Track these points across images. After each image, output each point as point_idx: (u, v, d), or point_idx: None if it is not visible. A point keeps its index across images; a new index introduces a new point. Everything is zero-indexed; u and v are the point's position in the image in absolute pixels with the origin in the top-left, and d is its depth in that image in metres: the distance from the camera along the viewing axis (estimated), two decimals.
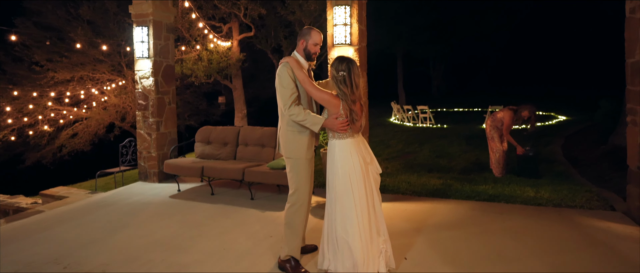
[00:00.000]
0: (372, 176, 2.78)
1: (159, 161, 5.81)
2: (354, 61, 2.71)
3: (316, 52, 2.90)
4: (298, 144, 2.84)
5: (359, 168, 2.68)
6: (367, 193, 2.70)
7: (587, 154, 7.72)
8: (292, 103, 2.75)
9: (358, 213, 2.64)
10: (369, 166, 2.77)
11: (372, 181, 2.76)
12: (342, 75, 2.63)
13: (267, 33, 11.69)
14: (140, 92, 5.84)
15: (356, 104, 2.69)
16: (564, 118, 13.18)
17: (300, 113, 2.74)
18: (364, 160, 2.73)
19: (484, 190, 4.89)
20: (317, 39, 2.88)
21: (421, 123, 13.15)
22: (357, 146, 2.73)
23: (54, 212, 4.56)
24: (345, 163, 2.69)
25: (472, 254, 3.13)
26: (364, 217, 2.66)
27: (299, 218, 2.89)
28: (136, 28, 5.72)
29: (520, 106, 5.64)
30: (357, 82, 2.65)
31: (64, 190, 5.72)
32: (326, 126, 2.74)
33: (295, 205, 2.88)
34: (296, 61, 2.84)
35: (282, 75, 2.77)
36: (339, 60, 2.69)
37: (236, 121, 12.26)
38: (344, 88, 2.64)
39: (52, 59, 9.53)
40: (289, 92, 2.75)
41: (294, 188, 2.88)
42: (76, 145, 10.90)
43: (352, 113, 2.66)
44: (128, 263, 3.17)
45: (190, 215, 4.30)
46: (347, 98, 2.64)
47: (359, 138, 2.79)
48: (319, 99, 2.73)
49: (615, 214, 3.92)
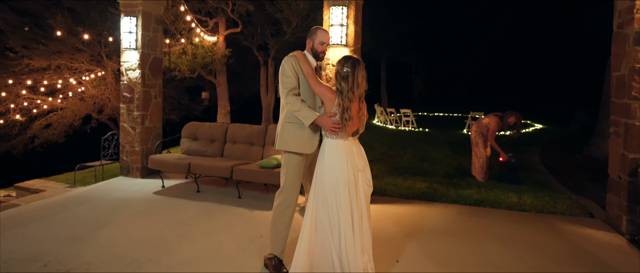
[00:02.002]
0: (362, 186, 2.62)
1: (143, 156, 5.64)
2: (362, 62, 2.62)
3: (323, 50, 2.89)
4: (293, 137, 2.78)
5: (345, 174, 2.56)
6: (353, 203, 2.55)
7: (563, 163, 8.04)
8: (290, 91, 2.74)
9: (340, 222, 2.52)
10: (360, 174, 2.62)
11: (361, 191, 2.60)
12: (346, 71, 2.56)
13: (254, 30, 11.57)
14: (125, 84, 5.65)
15: (353, 104, 2.58)
16: (541, 126, 13.64)
17: (296, 103, 2.72)
18: (354, 167, 2.60)
19: (469, 194, 4.99)
20: (324, 38, 2.86)
21: (404, 126, 13.32)
22: (348, 150, 2.61)
23: (30, 207, 4.34)
24: (332, 166, 2.58)
25: (462, 258, 3.18)
26: (347, 229, 2.51)
27: (283, 219, 2.84)
28: (124, 18, 5.53)
29: (506, 112, 5.75)
30: (360, 82, 2.57)
31: (40, 183, 5.47)
32: (318, 122, 2.67)
33: (281, 206, 2.83)
34: (304, 55, 2.83)
35: (285, 65, 2.77)
36: (346, 58, 2.62)
37: (219, 118, 12.07)
38: (344, 84, 2.56)
39: (28, 46, 9.10)
40: (289, 81, 2.75)
41: (282, 185, 2.84)
42: (50, 136, 10.43)
43: (346, 111, 2.55)
44: (112, 263, 3.05)
45: (176, 213, 4.19)
46: (343, 95, 2.56)
47: (353, 142, 2.65)
48: (318, 92, 2.69)
49: (595, 221, 4.08)
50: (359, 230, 2.55)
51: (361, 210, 2.59)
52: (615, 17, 3.87)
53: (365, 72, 2.63)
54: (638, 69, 3.55)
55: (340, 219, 2.53)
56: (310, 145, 2.80)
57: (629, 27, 3.63)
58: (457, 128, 13.01)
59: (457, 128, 13.18)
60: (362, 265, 2.53)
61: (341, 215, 2.53)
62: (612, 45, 3.88)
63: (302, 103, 2.72)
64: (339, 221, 2.53)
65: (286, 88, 2.75)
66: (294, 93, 2.74)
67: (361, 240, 2.56)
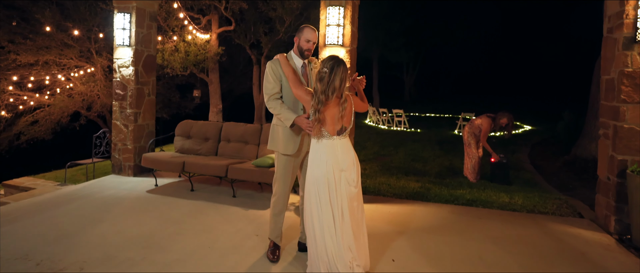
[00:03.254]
0: (344, 186, 2.63)
1: (135, 154, 5.58)
2: (343, 63, 2.60)
3: (308, 48, 2.93)
4: (279, 138, 2.96)
5: (324, 172, 2.60)
6: (332, 201, 2.59)
7: (551, 163, 8.19)
8: (271, 96, 2.91)
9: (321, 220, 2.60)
10: (343, 174, 2.62)
11: (343, 191, 2.62)
12: (325, 72, 2.55)
13: (247, 28, 11.51)
14: (118, 81, 5.57)
15: (330, 105, 2.59)
16: (529, 127, 13.87)
17: (276, 106, 2.89)
18: (335, 166, 2.61)
19: (461, 194, 5.06)
20: (309, 35, 2.91)
21: (396, 127, 13.41)
22: (331, 149, 2.62)
23: (20, 204, 4.26)
24: (313, 165, 2.67)
25: (455, 257, 3.22)
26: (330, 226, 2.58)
27: (277, 208, 3.08)
28: (118, 14, 5.45)
29: (498, 113, 5.84)
30: (336, 85, 2.54)
31: (29, 181, 5.37)
32: (297, 122, 2.79)
33: (275, 196, 3.08)
34: (285, 58, 2.90)
35: (268, 70, 2.92)
36: (328, 58, 2.63)
37: (211, 116, 11.99)
38: (319, 84, 2.56)
39: (15, 41, 8.90)
40: (270, 86, 2.91)
41: (274, 178, 3.07)
42: (36, 133, 10.24)
43: (316, 113, 2.57)
44: (106, 261, 3.02)
45: (170, 212, 4.15)
46: (316, 96, 2.57)
47: (339, 141, 2.65)
48: (296, 94, 2.75)
49: (583, 221, 4.17)
50: (340, 229, 2.60)
51: (342, 209, 2.61)
52: (605, 21, 3.96)
53: (346, 73, 2.60)
54: (627, 73, 3.65)
55: (322, 216, 2.61)
56: (292, 146, 2.93)
57: (619, 32, 3.72)
58: (448, 128, 13.15)
59: (447, 128, 13.32)
60: (348, 263, 2.57)
61: (322, 213, 2.61)
62: (602, 49, 3.98)
63: (281, 106, 2.88)
64: (320, 218, 2.62)
65: (267, 94, 2.92)
66: (275, 97, 2.91)
67: (343, 239, 2.59)
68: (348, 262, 2.58)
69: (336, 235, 2.59)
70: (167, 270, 2.92)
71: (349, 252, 2.60)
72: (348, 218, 2.62)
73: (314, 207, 2.66)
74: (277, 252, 3.13)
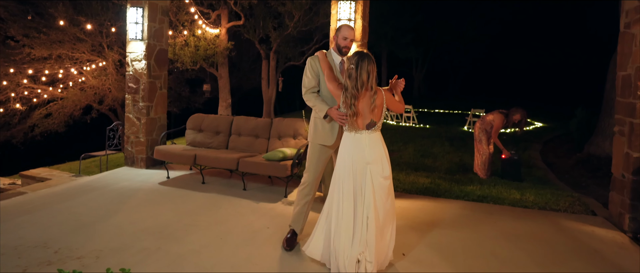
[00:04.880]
0: (372, 178, 2.66)
1: (148, 147, 5.65)
2: (368, 56, 2.65)
3: (346, 45, 3.05)
4: (317, 130, 3.11)
5: (350, 166, 2.68)
6: (356, 194, 2.65)
7: (563, 161, 8.10)
8: (308, 90, 3.08)
9: (339, 212, 2.67)
10: (369, 167, 2.67)
11: (368, 184, 2.65)
12: (351, 68, 2.64)
13: (256, 23, 11.52)
14: (131, 75, 5.64)
15: (361, 99, 2.65)
16: (541, 124, 13.72)
17: (312, 98, 3.06)
18: (361, 159, 2.68)
19: (471, 190, 5.04)
20: (346, 33, 3.03)
21: (405, 122, 13.36)
22: (358, 142, 2.70)
23: (37, 194, 4.36)
24: (341, 159, 2.76)
25: (468, 253, 3.22)
26: (347, 221, 2.64)
27: (301, 197, 3.18)
28: (130, 9, 5.50)
29: (511, 109, 5.77)
30: (364, 80, 2.62)
31: (45, 172, 5.47)
32: (329, 113, 2.91)
33: (303, 185, 3.17)
34: (324, 54, 3.04)
35: (307, 66, 3.09)
36: (353, 54, 2.71)
37: (220, 110, 12.06)
38: (348, 81, 2.66)
39: (28, 35, 9.03)
40: (307, 81, 3.08)
41: (306, 167, 3.18)
42: (50, 126, 10.41)
43: (351, 107, 2.65)
44: (122, 251, 3.08)
45: (182, 204, 4.21)
46: (348, 92, 2.64)
47: (366, 135, 2.71)
48: (329, 89, 2.88)
49: (597, 219, 4.13)
50: (360, 223, 2.63)
51: (368, 202, 2.65)
52: (622, 16, 3.89)
53: (372, 66, 2.66)
54: None
55: (341, 209, 2.68)
56: (329, 138, 3.07)
57: (636, 27, 3.65)
58: (457, 125, 13.06)
59: (457, 124, 13.22)
60: (357, 257, 2.60)
61: (343, 205, 2.68)
62: (618, 44, 3.91)
63: (316, 98, 3.04)
64: (339, 210, 2.69)
65: (305, 87, 3.10)
66: (312, 91, 3.07)
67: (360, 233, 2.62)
68: (357, 256, 2.60)
69: (354, 229, 2.64)
70: (181, 260, 2.97)
71: (363, 246, 2.62)
72: (372, 214, 2.65)
73: (335, 198, 2.74)
74: (293, 241, 3.19)
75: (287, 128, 5.06)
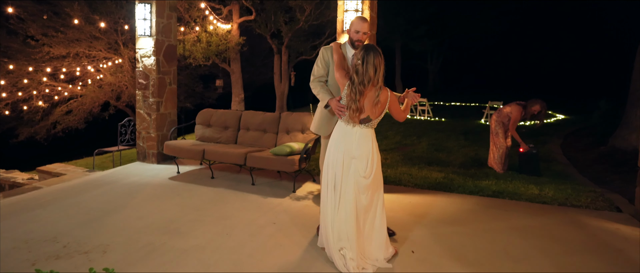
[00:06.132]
0: (354, 174, 2.62)
1: (158, 142, 5.70)
2: (374, 49, 2.57)
3: (358, 39, 2.98)
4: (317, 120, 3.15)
5: (335, 156, 2.69)
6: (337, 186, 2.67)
7: (586, 155, 7.76)
8: (315, 78, 3.08)
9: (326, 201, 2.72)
10: (353, 161, 2.63)
11: (350, 178, 2.62)
12: (358, 63, 2.58)
13: (267, 18, 11.50)
14: (140, 71, 5.68)
15: (366, 94, 2.59)
16: (562, 116, 13.23)
17: (317, 86, 3.04)
18: (347, 152, 2.64)
19: (487, 185, 4.87)
20: (358, 26, 2.96)
21: (419, 116, 13.12)
22: (349, 135, 2.66)
23: (51, 189, 4.45)
24: (331, 150, 2.74)
25: (478, 251, 3.09)
26: (328, 210, 2.70)
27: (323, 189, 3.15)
28: (138, 5, 5.53)
29: (530, 100, 5.52)
30: (371, 74, 2.54)
31: (61, 167, 5.59)
32: (329, 103, 2.87)
33: None
34: (338, 45, 3.01)
35: (319, 55, 3.10)
36: (361, 48, 2.65)
37: (233, 105, 12.13)
38: (354, 75, 2.60)
39: (47, 34, 9.26)
40: (316, 69, 3.08)
41: (321, 162, 3.21)
42: (70, 122, 10.71)
43: (354, 102, 2.58)
44: (127, 245, 3.09)
45: (190, 198, 4.22)
46: (354, 86, 2.58)
47: (358, 130, 2.64)
48: (335, 76, 2.85)
49: (622, 216, 3.91)
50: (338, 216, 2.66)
51: (346, 196, 2.65)
52: None
53: (379, 59, 2.57)
54: None
55: (327, 200, 2.72)
56: (324, 128, 3.09)
57: None
58: (474, 118, 12.73)
59: (474, 117, 12.89)
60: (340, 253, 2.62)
61: (328, 196, 2.72)
62: None
63: (322, 87, 3.02)
64: (326, 201, 2.73)
65: (313, 75, 3.09)
66: (319, 80, 3.06)
67: (339, 226, 2.64)
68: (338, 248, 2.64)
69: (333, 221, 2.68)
70: (184, 255, 2.96)
71: (344, 241, 2.63)
72: (350, 208, 2.62)
73: (323, 189, 2.79)
74: None
75: (295, 122, 5.00)
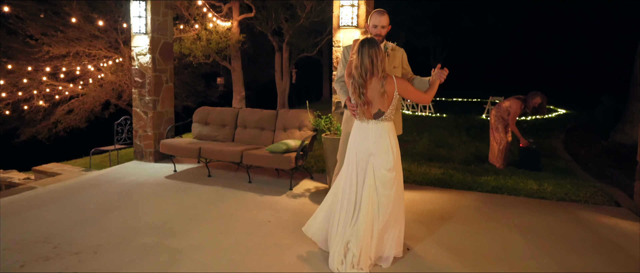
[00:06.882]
0: (374, 170, 2.62)
1: (155, 141, 5.67)
2: (369, 40, 2.55)
3: (377, 33, 2.93)
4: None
5: (353, 155, 2.69)
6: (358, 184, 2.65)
7: (587, 150, 7.67)
8: (337, 79, 3.12)
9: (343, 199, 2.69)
10: (372, 157, 2.63)
11: (369, 175, 2.61)
12: (354, 56, 2.57)
13: (268, 15, 11.42)
14: (136, 69, 5.65)
15: (369, 87, 2.58)
16: (564, 111, 13.11)
17: (337, 88, 3.09)
18: (365, 150, 2.64)
19: (486, 181, 4.81)
20: (376, 20, 2.92)
21: (421, 112, 13.04)
22: (364, 132, 2.67)
23: (46, 189, 4.43)
24: (348, 145, 2.78)
25: (477, 249, 3.04)
26: (343, 208, 2.67)
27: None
28: (133, 2, 5.49)
29: (530, 93, 5.44)
30: (367, 65, 2.53)
31: (57, 167, 5.58)
32: (346, 103, 2.89)
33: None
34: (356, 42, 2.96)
35: (340, 55, 3.26)
36: (356, 42, 2.67)
37: (234, 103, 12.10)
38: (353, 70, 2.59)
39: (47, 33, 9.25)
40: (339, 69, 3.12)
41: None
42: (72, 121, 10.71)
43: (360, 97, 2.58)
44: (120, 246, 3.06)
45: (187, 198, 4.19)
46: (355, 81, 2.58)
47: (373, 125, 2.66)
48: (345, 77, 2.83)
49: (621, 210, 3.85)
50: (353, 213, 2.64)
51: (365, 195, 2.62)
52: None
53: (375, 50, 2.54)
54: None
55: (345, 196, 2.69)
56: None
57: None
58: (475, 113, 12.63)
59: (475, 113, 12.80)
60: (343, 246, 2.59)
61: (345, 193, 2.70)
62: None
63: (341, 88, 3.04)
64: (343, 198, 2.70)
65: (335, 76, 3.17)
66: (340, 81, 3.08)
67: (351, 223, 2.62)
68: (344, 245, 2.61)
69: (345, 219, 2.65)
70: (180, 256, 2.93)
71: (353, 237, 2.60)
72: (366, 207, 2.60)
73: (340, 184, 2.76)
74: None
75: (292, 120, 4.96)
